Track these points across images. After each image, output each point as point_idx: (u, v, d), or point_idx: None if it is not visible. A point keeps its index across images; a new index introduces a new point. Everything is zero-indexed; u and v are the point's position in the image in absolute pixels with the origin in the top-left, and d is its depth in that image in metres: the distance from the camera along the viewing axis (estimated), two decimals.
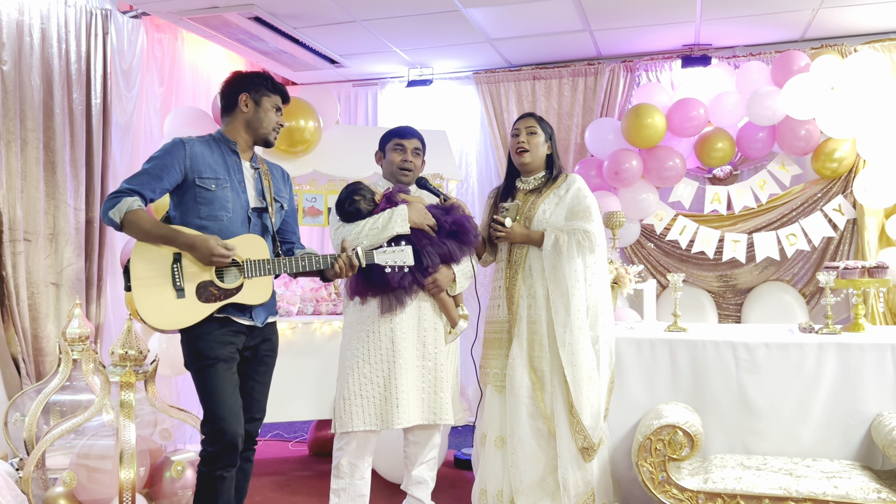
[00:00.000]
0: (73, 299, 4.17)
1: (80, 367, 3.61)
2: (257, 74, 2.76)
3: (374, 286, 2.92)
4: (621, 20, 5.08)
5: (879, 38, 5.20)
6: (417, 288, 2.98)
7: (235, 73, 2.78)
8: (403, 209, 2.94)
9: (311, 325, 4.33)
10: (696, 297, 5.34)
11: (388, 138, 3.18)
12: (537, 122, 3.18)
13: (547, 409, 3.02)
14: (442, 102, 6.26)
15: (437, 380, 3.02)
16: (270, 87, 2.74)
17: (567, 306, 2.98)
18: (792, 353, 3.13)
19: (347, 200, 2.99)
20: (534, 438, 3.02)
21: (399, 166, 3.11)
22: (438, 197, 3.11)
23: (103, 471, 3.08)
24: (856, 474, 2.83)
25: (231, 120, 2.74)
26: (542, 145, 3.17)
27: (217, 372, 2.58)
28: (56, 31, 4.31)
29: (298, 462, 4.68)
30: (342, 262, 2.73)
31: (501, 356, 3.14)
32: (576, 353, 2.95)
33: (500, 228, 3.09)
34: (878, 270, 3.42)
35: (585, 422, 2.95)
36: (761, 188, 5.21)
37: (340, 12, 4.87)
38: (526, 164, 3.18)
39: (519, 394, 3.02)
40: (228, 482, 2.62)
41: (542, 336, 3.04)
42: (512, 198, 3.23)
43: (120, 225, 2.53)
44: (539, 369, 3.04)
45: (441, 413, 3.01)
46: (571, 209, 3.10)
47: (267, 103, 2.72)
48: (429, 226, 2.96)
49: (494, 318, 3.20)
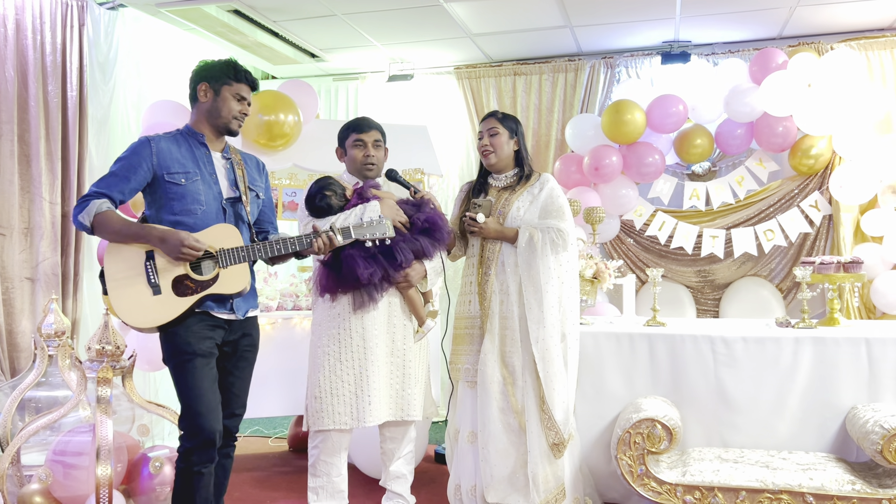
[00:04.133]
0: (48, 294, 4.11)
1: (56, 363, 3.55)
2: (220, 63, 2.70)
3: (344, 283, 2.89)
4: (602, 17, 5.09)
5: (855, 37, 5.27)
6: (388, 284, 2.96)
7: (200, 62, 2.74)
8: (375, 205, 2.92)
9: (291, 319, 4.31)
10: (675, 292, 5.38)
11: (346, 134, 3.13)
12: (498, 121, 3.18)
13: (518, 404, 3.03)
14: (423, 97, 6.24)
15: (405, 376, 3.02)
16: (232, 76, 2.67)
17: (541, 303, 2.99)
18: (769, 347, 3.17)
19: (318, 196, 2.96)
20: (505, 433, 3.03)
21: (362, 162, 3.09)
22: (409, 189, 3.09)
23: (80, 467, 3.04)
24: (831, 466, 2.87)
25: (195, 111, 2.72)
26: (506, 144, 3.17)
27: (195, 367, 2.56)
28: (31, 23, 4.24)
29: (278, 458, 4.65)
30: (321, 242, 2.69)
31: (473, 351, 3.14)
32: (548, 348, 2.97)
33: (474, 224, 3.09)
34: (853, 266, 3.47)
35: (557, 417, 2.96)
36: (739, 184, 5.27)
37: (320, 6, 4.84)
38: (492, 164, 3.20)
39: (490, 389, 3.03)
40: (207, 478, 2.60)
41: (514, 331, 3.05)
42: (485, 194, 3.23)
43: (91, 228, 2.52)
44: (511, 364, 3.05)
45: (409, 409, 3.02)
46: (545, 208, 3.11)
47: (227, 92, 2.66)
48: (401, 222, 2.95)
49: (465, 314, 3.19)
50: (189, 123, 2.74)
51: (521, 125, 3.25)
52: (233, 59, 2.73)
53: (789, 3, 4.83)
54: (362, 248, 2.81)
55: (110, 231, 2.52)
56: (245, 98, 2.72)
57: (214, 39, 5.32)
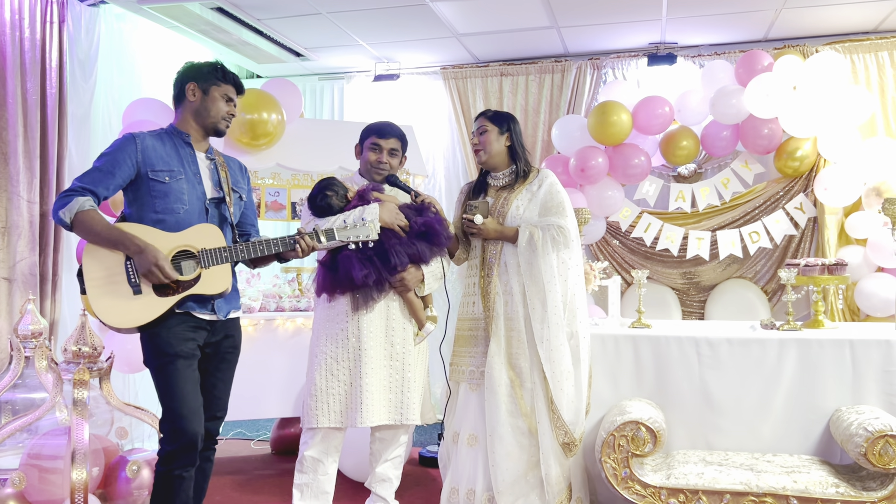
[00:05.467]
0: (25, 295, 4.04)
1: (32, 365, 3.50)
2: (208, 64, 2.71)
3: (341, 284, 2.90)
4: (588, 18, 5.08)
5: (840, 40, 5.29)
6: (383, 286, 2.95)
7: (187, 63, 2.73)
8: (375, 207, 2.91)
9: (273, 321, 4.26)
10: (661, 294, 5.38)
11: (367, 135, 3.13)
12: (487, 119, 3.16)
13: (526, 406, 3.00)
14: (409, 97, 6.21)
15: (404, 380, 3.00)
16: (220, 77, 2.68)
17: (544, 302, 2.97)
18: (753, 349, 3.16)
19: (319, 195, 2.97)
20: (513, 436, 3.00)
21: (373, 165, 3.08)
22: (410, 194, 3.08)
23: (55, 471, 2.99)
24: (815, 469, 2.86)
25: (181, 111, 2.70)
26: (496, 140, 3.14)
27: (176, 369, 2.52)
28: (10, 18, 4.17)
29: (261, 461, 4.60)
30: (304, 243, 2.68)
31: (476, 353, 3.12)
32: (553, 348, 2.94)
33: (472, 225, 3.08)
34: (837, 268, 3.47)
35: (565, 417, 2.94)
36: (725, 186, 5.27)
37: (305, 4, 4.80)
38: (484, 162, 3.18)
39: (498, 392, 3.00)
40: (187, 482, 2.56)
41: (519, 332, 3.02)
42: (484, 194, 3.21)
43: (70, 225, 2.47)
44: (518, 366, 3.02)
45: (407, 413, 2.99)
46: (545, 205, 3.08)
47: (215, 92, 2.66)
48: (399, 226, 2.94)
49: (468, 315, 3.17)
50: (174, 123, 2.71)
51: (517, 122, 3.21)
52: (219, 62, 2.73)
53: (775, 6, 4.84)
54: (358, 249, 2.81)
55: (90, 232, 2.47)
56: (232, 99, 2.72)
57: (198, 37, 5.27)
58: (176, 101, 2.71)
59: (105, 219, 2.51)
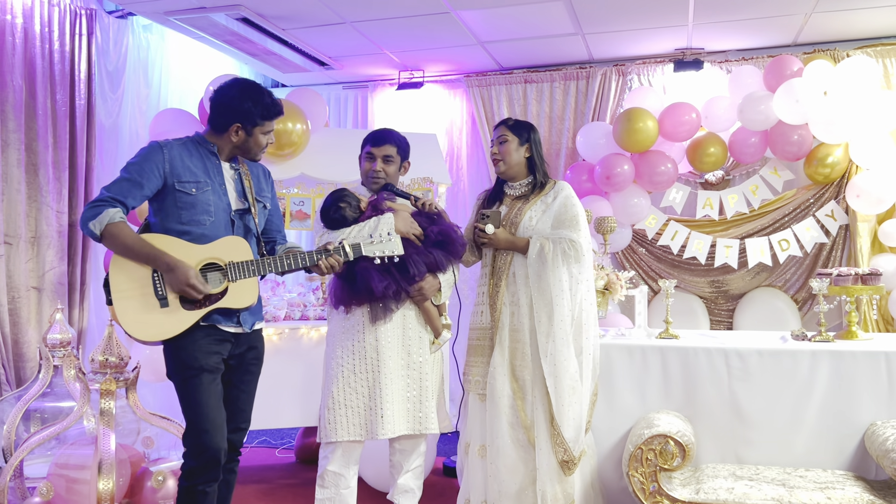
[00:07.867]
0: (54, 304, 4.09)
1: (61, 374, 3.54)
2: (251, 100, 2.58)
3: (359, 295, 2.87)
4: (613, 24, 5.04)
5: (871, 44, 5.19)
6: (403, 297, 2.93)
7: (226, 92, 2.60)
8: (390, 217, 2.90)
9: (298, 330, 4.27)
10: (688, 303, 5.30)
11: (364, 144, 3.12)
12: (508, 129, 3.14)
13: (528, 419, 2.97)
14: (433, 105, 6.20)
15: (421, 389, 2.98)
16: (266, 115, 2.61)
17: (550, 316, 2.93)
18: (784, 360, 3.09)
19: (332, 207, 2.95)
20: (514, 448, 2.97)
21: (367, 175, 3.07)
22: (409, 198, 3.06)
23: (82, 481, 3.01)
24: (849, 485, 2.79)
25: (218, 137, 2.64)
26: (516, 151, 3.12)
27: (201, 383, 2.50)
28: (39, 31, 4.24)
29: (285, 469, 4.60)
30: (332, 261, 2.65)
31: (483, 363, 3.09)
32: (558, 363, 2.91)
33: (483, 235, 3.05)
34: (871, 277, 3.39)
35: (566, 434, 2.90)
36: (753, 193, 5.19)
37: (330, 13, 4.82)
38: (502, 172, 3.16)
39: (500, 402, 2.97)
40: (211, 497, 2.56)
41: (524, 344, 2.99)
42: (499, 203, 3.19)
43: (100, 237, 2.46)
44: (521, 378, 2.99)
45: (426, 422, 2.97)
46: (558, 217, 3.05)
47: (258, 132, 2.63)
48: (415, 234, 2.92)
49: (477, 325, 3.15)
50: (202, 134, 2.67)
51: (537, 132, 3.19)
52: (267, 93, 2.64)
53: (804, 10, 4.76)
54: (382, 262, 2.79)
55: (121, 246, 2.46)
56: (272, 129, 2.69)
57: (223, 47, 5.31)
58: (214, 127, 2.64)
59: (134, 232, 2.50)
